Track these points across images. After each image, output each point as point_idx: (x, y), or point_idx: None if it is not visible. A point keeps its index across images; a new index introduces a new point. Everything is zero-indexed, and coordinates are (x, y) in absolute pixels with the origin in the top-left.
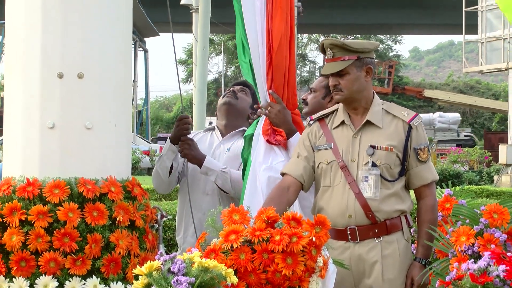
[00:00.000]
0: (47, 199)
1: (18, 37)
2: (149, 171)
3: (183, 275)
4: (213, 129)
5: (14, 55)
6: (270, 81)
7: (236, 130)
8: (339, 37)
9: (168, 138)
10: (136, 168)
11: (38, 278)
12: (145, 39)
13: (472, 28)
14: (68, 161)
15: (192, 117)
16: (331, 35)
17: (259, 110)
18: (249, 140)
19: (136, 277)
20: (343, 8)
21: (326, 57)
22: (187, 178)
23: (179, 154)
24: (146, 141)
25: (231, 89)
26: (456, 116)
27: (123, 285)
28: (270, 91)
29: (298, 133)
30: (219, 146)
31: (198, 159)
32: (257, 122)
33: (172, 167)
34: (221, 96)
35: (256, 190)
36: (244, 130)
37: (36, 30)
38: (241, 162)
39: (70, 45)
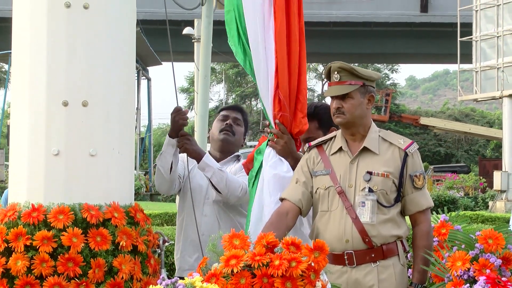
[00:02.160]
0: (51, 225)
1: (24, 66)
2: (151, 197)
3: None
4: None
5: (20, 83)
6: (276, 85)
7: (230, 156)
8: None
9: (167, 134)
10: (138, 194)
11: None
12: (148, 68)
13: (467, 57)
14: (72, 187)
15: None
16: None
17: (268, 134)
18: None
19: None
20: (341, 38)
21: (330, 81)
22: (192, 198)
23: (179, 150)
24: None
25: (228, 122)
26: None
27: None
28: (277, 121)
29: None
30: None
31: (197, 153)
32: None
33: (172, 163)
34: (219, 130)
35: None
36: (238, 156)
37: (42, 59)
38: None
39: (74, 74)
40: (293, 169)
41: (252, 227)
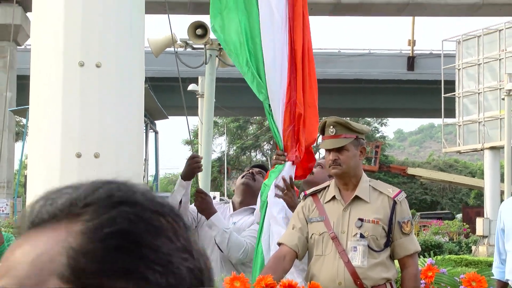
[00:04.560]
0: None
1: (40, 120)
2: None
3: None
4: (228, 202)
5: (36, 136)
6: (288, 99)
7: (247, 207)
8: None
9: (180, 175)
10: None
11: None
12: (155, 121)
13: (450, 112)
14: None
15: None
16: (323, 117)
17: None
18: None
19: None
20: (334, 93)
21: (324, 134)
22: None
23: (189, 190)
24: None
25: (250, 170)
26: None
27: None
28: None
29: None
30: (229, 219)
31: (207, 212)
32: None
33: (181, 201)
34: (241, 176)
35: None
36: (254, 209)
37: (57, 114)
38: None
39: (87, 128)
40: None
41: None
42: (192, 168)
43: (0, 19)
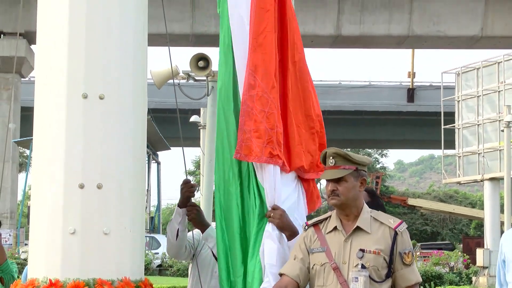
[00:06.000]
0: None
1: (44, 151)
2: (160, 272)
3: None
4: None
5: (40, 167)
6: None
7: None
8: None
9: (177, 204)
10: (148, 269)
11: None
12: (157, 152)
13: (450, 143)
14: (87, 263)
15: None
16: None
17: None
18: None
19: None
20: (335, 125)
21: (326, 165)
22: (198, 272)
23: (186, 217)
24: None
25: None
26: None
27: None
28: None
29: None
30: None
31: (202, 224)
32: None
33: (178, 230)
34: None
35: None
36: None
37: (60, 145)
38: None
39: (90, 159)
40: (288, 240)
41: None
42: (184, 193)
43: (4, 52)
